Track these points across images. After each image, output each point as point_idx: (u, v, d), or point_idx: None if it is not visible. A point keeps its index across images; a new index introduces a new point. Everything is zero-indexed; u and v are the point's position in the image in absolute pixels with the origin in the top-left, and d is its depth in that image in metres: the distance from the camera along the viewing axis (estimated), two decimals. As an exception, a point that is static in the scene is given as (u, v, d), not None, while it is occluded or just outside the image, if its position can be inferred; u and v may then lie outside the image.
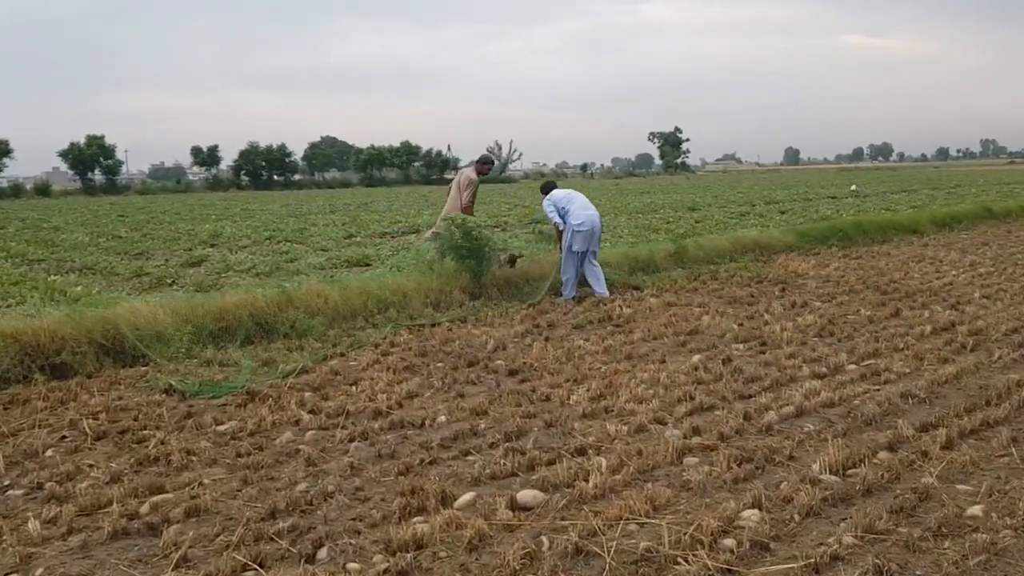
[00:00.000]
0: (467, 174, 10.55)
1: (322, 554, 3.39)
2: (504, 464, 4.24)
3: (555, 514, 3.67)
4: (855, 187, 36.83)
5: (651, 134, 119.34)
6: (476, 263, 9.13)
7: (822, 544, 3.37)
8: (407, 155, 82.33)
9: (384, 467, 4.31)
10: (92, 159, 67.68)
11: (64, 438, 4.93)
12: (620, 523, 3.55)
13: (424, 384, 5.91)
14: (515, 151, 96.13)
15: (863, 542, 3.38)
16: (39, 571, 3.31)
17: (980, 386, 5.58)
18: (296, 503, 3.84)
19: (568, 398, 5.45)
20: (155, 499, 3.93)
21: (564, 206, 9.48)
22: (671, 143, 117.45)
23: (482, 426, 4.92)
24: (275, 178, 75.47)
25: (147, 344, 6.72)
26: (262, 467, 4.35)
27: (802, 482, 3.96)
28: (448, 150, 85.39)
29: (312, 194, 54.78)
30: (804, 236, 13.77)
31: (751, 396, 5.43)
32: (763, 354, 6.58)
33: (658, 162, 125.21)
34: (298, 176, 79.18)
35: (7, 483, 4.24)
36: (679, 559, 3.25)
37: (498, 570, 3.21)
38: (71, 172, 70.67)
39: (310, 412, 5.29)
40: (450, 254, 9.18)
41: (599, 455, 4.42)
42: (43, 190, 59.47)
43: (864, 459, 4.25)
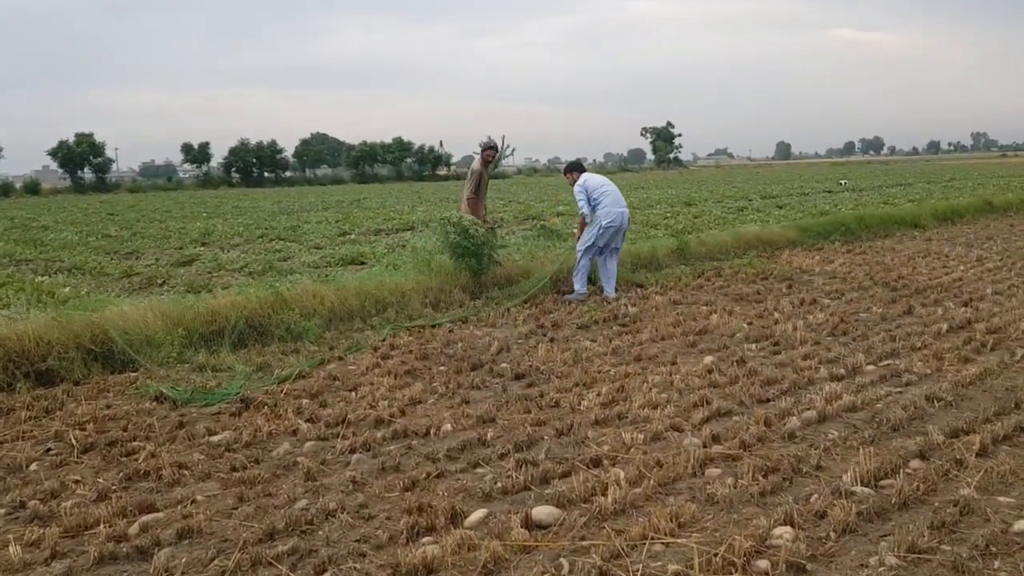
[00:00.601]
0: (473, 164, 10.37)
1: (325, 580, 3.15)
2: (516, 477, 3.99)
3: (574, 533, 3.43)
4: (844, 182, 36.49)
5: (643, 129, 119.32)
6: (476, 261, 8.88)
7: (864, 565, 3.14)
8: (399, 151, 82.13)
9: (388, 481, 4.06)
10: (82, 157, 67.29)
11: (49, 451, 4.67)
12: (645, 543, 3.31)
13: (427, 389, 5.66)
14: (508, 147, 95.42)
15: (907, 563, 3.14)
16: (19, 602, 3.06)
17: (1007, 388, 5.36)
18: (296, 523, 3.58)
19: (579, 404, 5.21)
20: (145, 519, 3.67)
21: (597, 197, 8.98)
22: (663, 138, 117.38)
23: (490, 435, 4.67)
24: (266, 175, 75.20)
25: (137, 349, 6.45)
26: (259, 482, 4.10)
27: (834, 495, 3.73)
28: (440, 146, 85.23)
29: (304, 191, 54.44)
30: (807, 231, 13.56)
31: (770, 400, 5.20)
32: (777, 355, 6.35)
33: (650, 157, 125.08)
34: (289, 173, 78.84)
35: (-13, 502, 3.98)
36: (711, 583, 3.02)
37: (516, 597, 2.98)
38: (61, 170, 70.21)
39: (308, 421, 5.04)
40: (448, 253, 8.93)
41: (615, 466, 4.18)
42: (32, 189, 59.04)
43: (896, 469, 4.02)
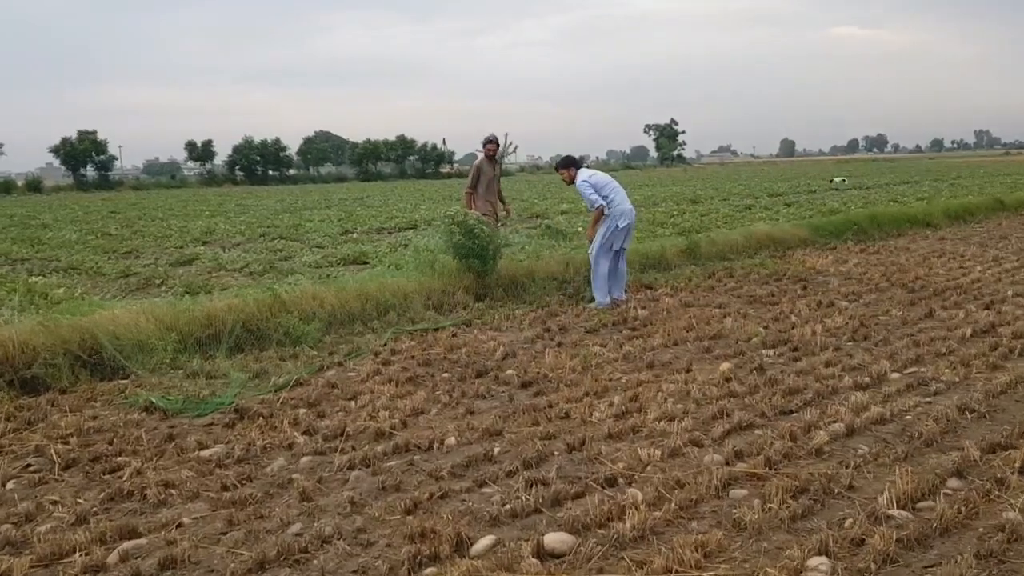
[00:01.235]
0: (476, 160, 10.11)
1: (319, 618, 2.88)
2: (525, 499, 3.71)
3: (591, 565, 3.15)
4: (841, 179, 35.86)
5: (647, 126, 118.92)
6: (480, 262, 8.59)
7: (910, 603, 2.86)
8: (402, 149, 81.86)
9: (389, 502, 3.78)
10: (85, 155, 67.10)
11: (28, 467, 4.40)
12: (668, 576, 3.04)
13: (430, 399, 5.39)
14: (511, 144, 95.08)
15: (957, 600, 2.87)
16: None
17: (1042, 398, 5.07)
18: (289, 550, 3.31)
19: (590, 415, 4.92)
20: (126, 546, 3.39)
21: (607, 195, 8.40)
22: (667, 135, 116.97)
23: (496, 450, 4.39)
24: (270, 173, 75.00)
25: (128, 355, 6.17)
26: (250, 503, 3.82)
27: (871, 519, 3.45)
28: (443, 143, 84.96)
29: (307, 189, 54.21)
30: (819, 230, 13.26)
31: (793, 412, 4.91)
32: (797, 361, 6.07)
33: (653, 154, 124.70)
34: (293, 171, 78.62)
35: (-41, 524, 3.71)
36: (743, 624, 2.74)
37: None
38: (64, 168, 70.00)
39: (305, 433, 4.76)
40: (451, 253, 8.63)
41: (632, 486, 3.89)
42: (35, 186, 58.80)
43: (934, 489, 3.73)
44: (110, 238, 17.41)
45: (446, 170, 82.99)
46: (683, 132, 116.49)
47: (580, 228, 16.03)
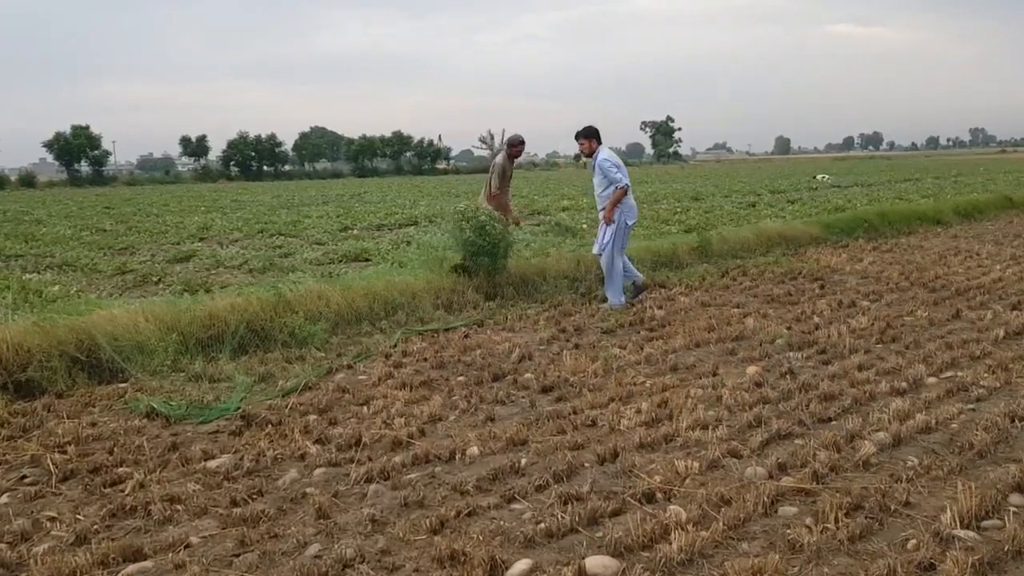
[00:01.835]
0: (497, 159, 9.67)
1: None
2: (560, 516, 3.45)
3: (640, 593, 2.89)
4: (823, 177, 35.05)
5: (643, 123, 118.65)
6: (490, 260, 8.31)
7: (997, 639, 2.61)
8: (398, 145, 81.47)
9: (413, 520, 3.51)
10: (79, 150, 66.58)
11: (24, 478, 4.12)
12: (726, 607, 2.78)
13: (447, 404, 5.12)
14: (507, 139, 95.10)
15: (1047, 635, 2.62)
16: None
17: (1092, 405, 4.82)
18: (308, 575, 3.04)
19: (618, 422, 4.66)
20: (130, 569, 3.13)
21: (628, 181, 7.97)
22: (663, 132, 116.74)
23: (523, 461, 4.12)
24: (265, 169, 74.56)
25: (127, 357, 5.89)
26: (263, 520, 3.55)
27: (936, 540, 3.19)
28: (439, 140, 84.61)
29: (303, 185, 53.82)
30: (830, 228, 13.02)
31: (832, 419, 4.66)
32: (827, 365, 5.81)
33: (649, 151, 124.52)
34: (288, 167, 78.16)
35: (-52, 544, 3.43)
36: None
37: None
38: (57, 163, 69.47)
39: (317, 442, 4.49)
40: (461, 250, 8.36)
41: (672, 502, 3.64)
42: (28, 181, 58.28)
43: (998, 506, 3.48)
44: (105, 234, 17.07)
45: (442, 167, 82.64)
46: (679, 129, 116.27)
47: (585, 225, 15.79)
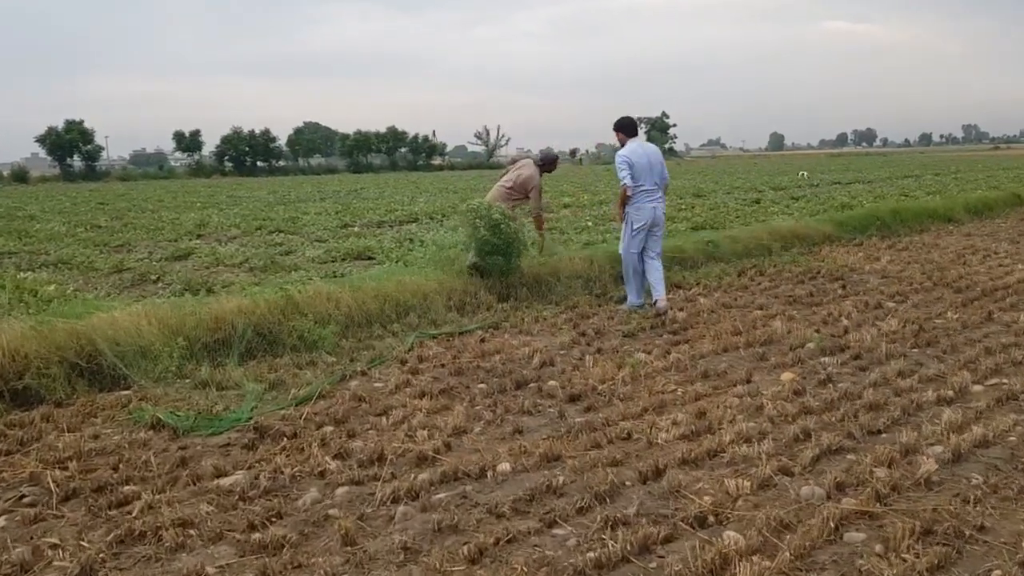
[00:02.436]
0: (530, 174, 8.80)
1: None
2: (608, 544, 3.18)
3: (711, 636, 2.62)
4: (802, 175, 34.69)
5: (638, 119, 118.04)
6: (504, 259, 8.02)
7: None
8: (393, 140, 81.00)
9: (448, 548, 3.23)
10: (71, 145, 65.95)
11: (22, 498, 3.82)
12: (808, 652, 2.51)
13: (470, 414, 4.84)
14: (503, 136, 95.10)
15: None
16: None
17: None
18: (339, 613, 2.76)
19: (655, 436, 4.39)
20: (142, 606, 2.85)
21: (640, 182, 7.52)
22: (659, 128, 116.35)
23: (560, 479, 3.84)
24: (259, 164, 74.03)
25: (129, 363, 5.59)
26: (285, 546, 3.27)
27: (1023, 570, 2.93)
28: (433, 135, 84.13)
29: (298, 180, 53.37)
30: (843, 225, 12.76)
31: (882, 432, 4.39)
32: (865, 371, 5.55)
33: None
34: (283, 162, 77.61)
35: (-59, 574, 3.14)
36: None
37: None
38: (49, 158, 68.82)
39: (336, 457, 4.21)
40: (475, 249, 8.06)
41: (726, 526, 3.37)
42: (20, 176, 57.71)
43: (1080, 532, 3.23)
44: (100, 230, 16.72)
45: (437, 162, 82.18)
46: (674, 125, 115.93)
47: (589, 223, 15.54)
